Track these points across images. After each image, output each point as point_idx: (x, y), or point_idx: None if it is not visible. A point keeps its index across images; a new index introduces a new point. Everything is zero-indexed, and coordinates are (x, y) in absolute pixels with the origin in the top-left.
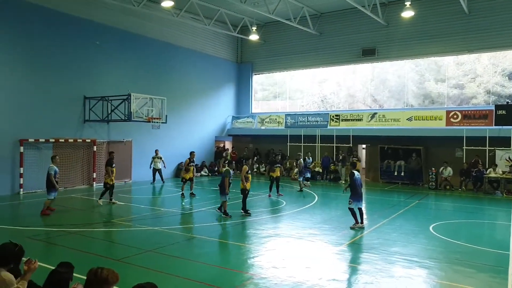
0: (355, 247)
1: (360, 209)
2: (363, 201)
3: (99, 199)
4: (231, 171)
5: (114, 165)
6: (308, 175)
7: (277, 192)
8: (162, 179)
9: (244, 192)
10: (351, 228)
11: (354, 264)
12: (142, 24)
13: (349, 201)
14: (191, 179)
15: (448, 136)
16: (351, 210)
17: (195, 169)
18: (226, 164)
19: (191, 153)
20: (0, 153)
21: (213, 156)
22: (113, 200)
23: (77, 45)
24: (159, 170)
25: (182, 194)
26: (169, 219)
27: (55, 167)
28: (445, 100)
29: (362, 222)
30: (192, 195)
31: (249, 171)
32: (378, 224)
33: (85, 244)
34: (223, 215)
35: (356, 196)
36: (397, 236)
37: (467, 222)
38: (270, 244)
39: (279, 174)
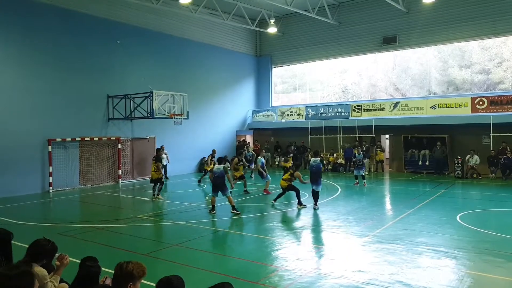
0: (380, 238)
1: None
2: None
3: (158, 194)
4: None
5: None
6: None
7: None
8: (165, 175)
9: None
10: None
11: (379, 255)
12: (161, 22)
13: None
14: (242, 177)
15: (474, 123)
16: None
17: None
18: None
19: (239, 153)
20: (30, 153)
21: (235, 150)
22: (160, 196)
23: (99, 45)
24: (165, 166)
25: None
26: (193, 213)
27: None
28: (470, 87)
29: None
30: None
31: (240, 163)
32: (403, 214)
33: (113, 239)
34: (231, 211)
35: (312, 180)
36: (423, 226)
37: (496, 211)
38: (293, 236)
39: (291, 165)
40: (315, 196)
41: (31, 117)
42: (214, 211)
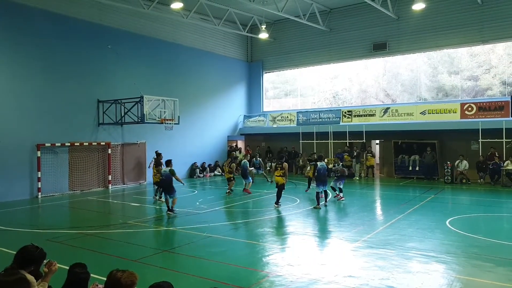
0: (371, 243)
1: (325, 191)
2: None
3: (159, 198)
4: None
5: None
6: None
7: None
8: None
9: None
10: (314, 208)
11: (370, 260)
12: (153, 27)
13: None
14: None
15: (463, 129)
16: (317, 193)
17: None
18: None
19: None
20: (18, 158)
21: (226, 155)
22: (162, 199)
23: (90, 49)
24: None
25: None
26: (184, 219)
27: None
28: (459, 93)
29: (325, 201)
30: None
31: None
32: (394, 219)
33: (102, 245)
34: (168, 212)
35: (319, 181)
36: (413, 231)
37: (485, 216)
38: (284, 242)
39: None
40: (325, 195)
41: (19, 122)
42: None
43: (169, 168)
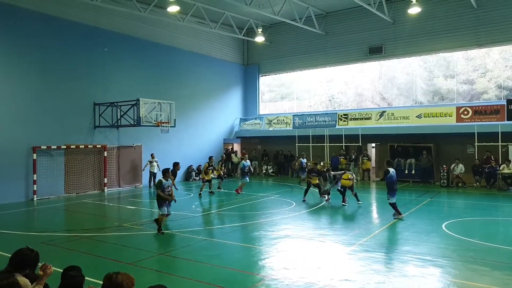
0: (367, 247)
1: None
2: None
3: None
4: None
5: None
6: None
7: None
8: (154, 183)
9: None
10: (394, 218)
11: (366, 264)
12: (149, 30)
13: (387, 196)
14: (209, 181)
15: (459, 132)
16: (392, 204)
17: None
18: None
19: (210, 158)
20: (14, 160)
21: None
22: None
23: (86, 52)
24: (155, 174)
25: (200, 194)
26: (179, 222)
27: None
28: (455, 96)
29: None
30: (211, 193)
31: (210, 168)
32: (390, 223)
33: (98, 248)
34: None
35: (392, 191)
36: (409, 235)
37: (481, 220)
38: (280, 245)
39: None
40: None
41: (15, 125)
42: (162, 232)
43: (159, 179)
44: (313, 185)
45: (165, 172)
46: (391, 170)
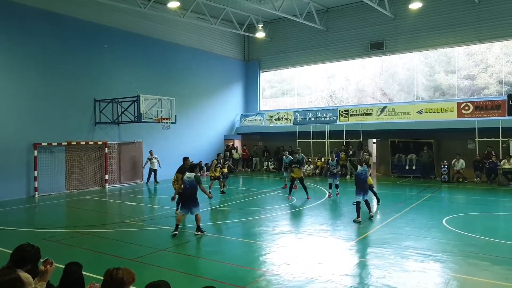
0: (367, 242)
1: (366, 201)
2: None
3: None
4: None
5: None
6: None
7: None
8: (155, 180)
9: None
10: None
11: (366, 259)
12: (150, 26)
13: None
14: (217, 178)
15: (460, 128)
16: (356, 203)
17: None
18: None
19: (218, 155)
20: (15, 157)
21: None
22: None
23: (86, 49)
24: (155, 171)
25: (222, 191)
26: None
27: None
28: (456, 92)
29: (370, 211)
30: (222, 192)
31: (218, 165)
32: (390, 218)
33: (99, 244)
34: (196, 233)
35: (357, 189)
36: (410, 230)
37: (481, 215)
38: (281, 241)
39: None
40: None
41: (16, 121)
42: (177, 232)
43: (195, 174)
44: (298, 179)
45: (193, 167)
46: (360, 168)
